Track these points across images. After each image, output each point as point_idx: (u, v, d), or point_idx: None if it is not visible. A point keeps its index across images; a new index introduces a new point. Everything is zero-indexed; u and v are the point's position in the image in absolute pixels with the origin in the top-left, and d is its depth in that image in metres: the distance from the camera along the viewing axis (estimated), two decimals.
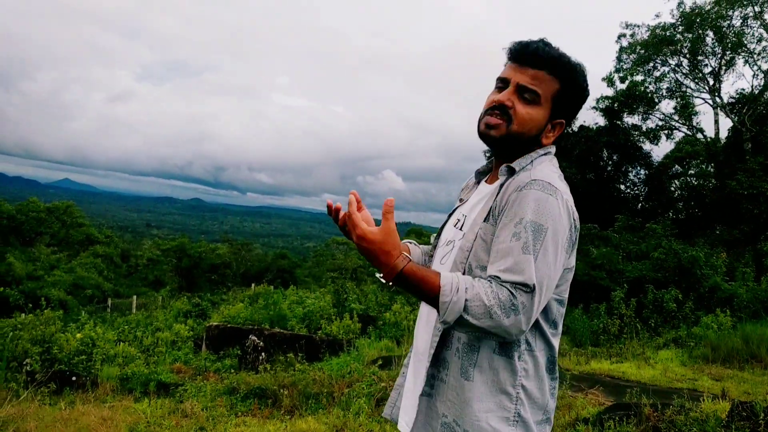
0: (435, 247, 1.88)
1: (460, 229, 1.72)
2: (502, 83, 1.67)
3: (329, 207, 1.75)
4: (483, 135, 1.67)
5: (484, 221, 1.59)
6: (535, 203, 1.47)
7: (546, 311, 1.57)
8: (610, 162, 24.52)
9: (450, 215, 1.86)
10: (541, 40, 1.66)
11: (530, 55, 1.63)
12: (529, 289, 1.39)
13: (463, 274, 1.56)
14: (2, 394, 6.29)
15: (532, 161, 1.64)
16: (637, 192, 24.92)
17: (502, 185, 1.62)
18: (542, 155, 1.67)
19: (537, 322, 1.54)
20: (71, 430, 4.80)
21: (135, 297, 28.23)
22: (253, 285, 24.70)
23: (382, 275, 1.48)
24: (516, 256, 1.42)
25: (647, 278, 12.22)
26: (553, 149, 1.72)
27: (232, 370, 7.77)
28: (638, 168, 24.72)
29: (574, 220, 1.55)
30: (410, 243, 1.97)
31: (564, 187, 1.56)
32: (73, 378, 7.15)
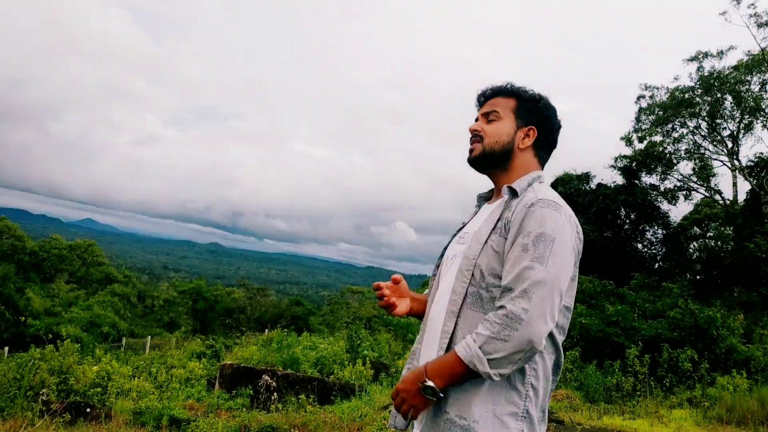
0: (438, 266, 2.05)
1: (464, 244, 1.90)
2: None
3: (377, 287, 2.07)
4: (469, 161, 1.98)
5: (493, 232, 1.78)
6: (541, 218, 1.69)
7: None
8: (627, 220, 24.51)
9: (453, 236, 2.07)
10: None
11: (482, 94, 1.99)
12: (532, 292, 1.60)
13: (471, 277, 1.76)
14: (18, 421, 6.39)
15: (529, 183, 1.86)
16: (654, 251, 24.78)
17: (506, 203, 1.83)
18: (536, 179, 1.89)
19: None
20: None
21: (149, 337, 28.30)
22: (266, 330, 24.70)
23: (428, 390, 1.68)
24: (521, 266, 1.64)
25: (662, 337, 12.12)
26: (542, 174, 1.94)
27: (244, 409, 7.81)
28: (656, 227, 24.63)
29: (577, 232, 1.78)
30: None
31: (567, 206, 1.78)
32: (88, 409, 7.25)
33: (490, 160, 1.93)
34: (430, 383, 1.66)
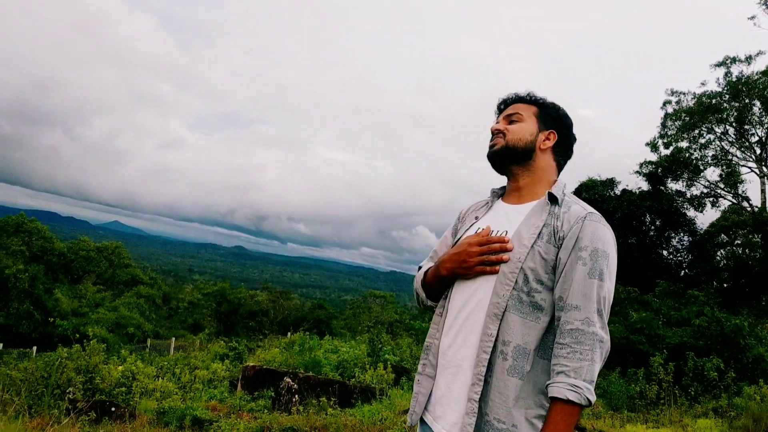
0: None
1: None
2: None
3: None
4: (489, 156, 2.02)
5: (539, 238, 1.80)
6: (597, 233, 1.77)
7: None
8: (652, 227, 24.21)
9: (457, 227, 2.12)
10: None
11: (504, 101, 2.06)
12: (602, 310, 1.70)
13: (515, 284, 1.78)
14: (45, 419, 6.52)
15: (563, 191, 1.92)
16: (680, 259, 24.44)
17: (549, 208, 1.86)
18: (564, 186, 1.96)
19: None
20: None
21: (174, 339, 28.64)
22: (289, 333, 24.83)
23: None
24: (586, 284, 1.71)
25: (688, 345, 11.95)
26: (563, 183, 1.99)
27: (266, 410, 7.88)
28: (682, 234, 24.30)
29: (616, 247, 1.85)
30: None
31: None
32: (113, 408, 7.36)
33: (512, 156, 1.97)
34: None
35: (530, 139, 1.96)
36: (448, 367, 1.89)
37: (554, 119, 2.01)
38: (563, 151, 2.02)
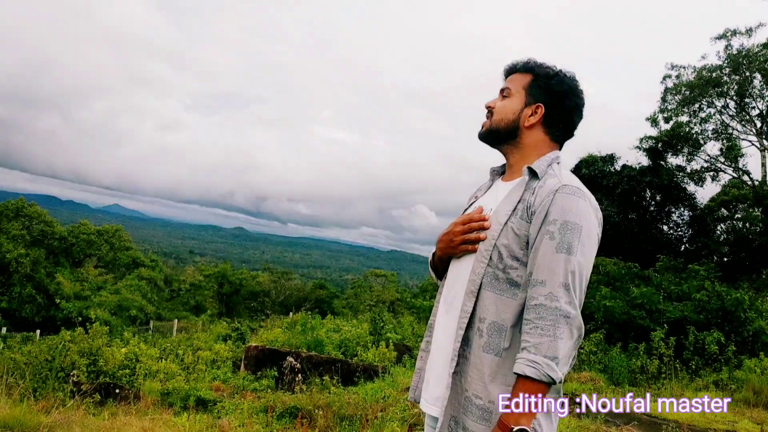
0: None
1: None
2: None
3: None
4: (479, 136, 2.01)
5: (513, 214, 1.79)
6: (567, 205, 1.70)
7: None
8: (653, 202, 24.17)
9: (465, 210, 2.08)
10: None
11: (508, 67, 2.01)
12: (569, 285, 1.64)
13: (490, 261, 1.78)
14: (50, 401, 6.55)
15: (548, 165, 1.85)
16: (680, 233, 24.44)
17: (526, 184, 1.83)
18: (554, 160, 1.88)
19: None
20: None
21: (176, 321, 28.79)
22: (291, 313, 24.94)
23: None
24: (552, 258, 1.66)
25: (688, 319, 11.97)
26: (559, 155, 1.93)
27: (269, 390, 7.93)
28: (682, 209, 24.25)
29: (598, 218, 1.78)
30: None
31: (588, 191, 1.79)
32: (117, 390, 7.42)
33: (496, 137, 1.96)
34: (520, 428, 1.60)
35: (512, 119, 1.92)
36: (437, 343, 1.93)
37: (543, 90, 1.92)
38: (555, 122, 1.93)
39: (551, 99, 1.93)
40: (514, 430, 1.59)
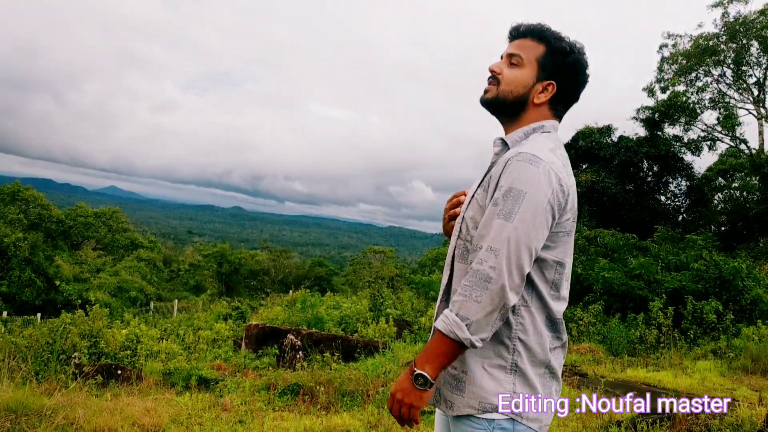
0: None
1: None
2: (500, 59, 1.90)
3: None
4: (481, 101, 1.89)
5: (480, 186, 1.79)
6: (515, 172, 1.64)
7: (542, 272, 1.71)
8: (650, 173, 24.13)
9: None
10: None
11: (517, 29, 1.86)
12: (498, 249, 1.59)
13: (460, 233, 1.80)
14: (52, 384, 6.57)
15: (526, 134, 1.81)
16: (678, 204, 24.45)
17: (496, 155, 1.84)
18: (536, 129, 1.82)
19: (532, 281, 1.69)
20: (117, 419, 5.00)
21: (176, 301, 28.87)
22: (291, 291, 25.03)
23: (419, 380, 1.64)
24: (488, 223, 1.64)
25: (687, 289, 12.03)
26: (549, 123, 1.85)
27: (270, 368, 7.96)
28: (679, 179, 24.22)
29: (561, 185, 1.67)
30: None
31: (550, 157, 1.69)
32: (119, 371, 7.43)
33: (501, 108, 1.86)
34: (419, 372, 1.63)
35: (522, 92, 1.81)
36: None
37: (558, 66, 1.80)
38: (562, 99, 1.86)
39: (565, 78, 1.83)
40: (416, 372, 1.62)
